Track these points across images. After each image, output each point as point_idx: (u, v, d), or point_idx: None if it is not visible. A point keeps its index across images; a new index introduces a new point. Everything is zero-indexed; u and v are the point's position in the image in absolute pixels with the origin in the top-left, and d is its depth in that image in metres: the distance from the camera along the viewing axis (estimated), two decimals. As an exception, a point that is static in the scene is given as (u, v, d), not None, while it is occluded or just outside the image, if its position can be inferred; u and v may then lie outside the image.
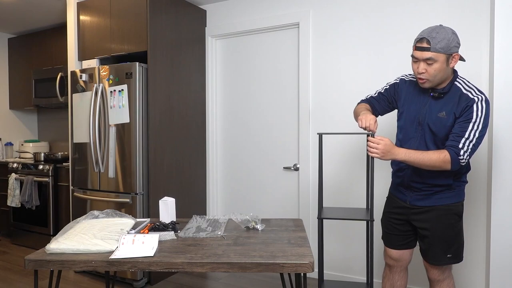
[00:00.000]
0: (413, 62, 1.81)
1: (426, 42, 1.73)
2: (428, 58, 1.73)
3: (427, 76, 1.77)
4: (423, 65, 1.75)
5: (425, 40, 1.73)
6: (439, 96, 1.83)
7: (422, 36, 1.75)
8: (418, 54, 1.75)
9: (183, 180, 3.33)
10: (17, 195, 3.89)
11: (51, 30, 4.23)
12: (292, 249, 1.58)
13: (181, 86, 3.31)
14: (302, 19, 3.11)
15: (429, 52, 1.72)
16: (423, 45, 1.73)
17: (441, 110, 1.82)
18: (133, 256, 1.51)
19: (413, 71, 1.84)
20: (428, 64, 1.74)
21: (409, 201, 1.96)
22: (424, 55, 1.73)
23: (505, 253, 2.39)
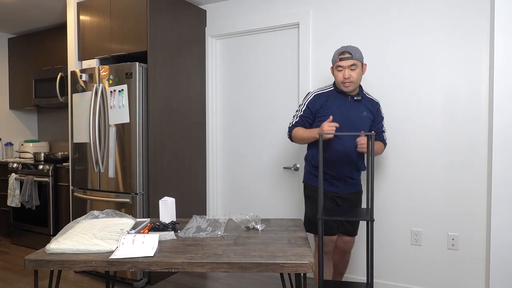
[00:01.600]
0: (338, 72, 2.24)
1: (347, 53, 2.21)
2: (352, 64, 2.20)
3: (352, 80, 2.22)
4: (348, 71, 2.21)
5: (347, 52, 2.22)
6: (359, 100, 2.29)
7: (343, 50, 2.23)
8: (344, 63, 2.21)
9: (183, 180, 3.33)
10: (17, 195, 3.89)
11: (51, 30, 4.23)
12: (292, 249, 1.58)
13: (181, 86, 3.31)
14: (302, 19, 3.11)
15: (352, 60, 2.20)
16: (346, 55, 2.21)
17: (363, 111, 2.30)
18: (133, 256, 1.51)
19: (338, 80, 2.26)
20: (352, 70, 2.21)
21: (342, 191, 2.33)
22: (349, 63, 2.20)
23: (505, 252, 2.39)
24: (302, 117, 2.35)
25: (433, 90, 2.69)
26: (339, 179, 2.30)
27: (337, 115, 2.23)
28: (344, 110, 2.26)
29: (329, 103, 2.29)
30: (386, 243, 2.86)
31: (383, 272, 2.88)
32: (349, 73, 2.20)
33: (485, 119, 2.54)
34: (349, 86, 2.23)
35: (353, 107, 2.28)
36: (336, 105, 2.28)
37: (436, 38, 2.66)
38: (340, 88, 2.27)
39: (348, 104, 2.28)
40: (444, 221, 2.67)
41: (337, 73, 2.24)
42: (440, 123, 2.67)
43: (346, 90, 2.25)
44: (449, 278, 2.67)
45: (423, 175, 2.73)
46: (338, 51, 2.24)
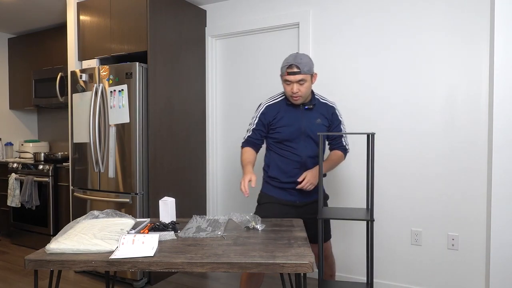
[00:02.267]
0: (286, 85, 2.13)
1: (296, 67, 2.07)
2: (300, 79, 2.08)
3: (300, 94, 2.11)
4: (297, 86, 2.09)
5: (295, 66, 2.07)
6: (310, 108, 2.21)
7: (291, 63, 2.07)
8: (292, 78, 2.08)
9: (183, 180, 3.33)
10: (17, 195, 3.89)
11: (51, 30, 4.23)
12: (292, 249, 1.58)
13: (181, 86, 3.31)
14: (302, 19, 3.11)
15: (300, 75, 2.07)
16: (294, 70, 2.07)
17: (316, 118, 2.21)
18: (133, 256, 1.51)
19: (287, 93, 2.16)
20: (300, 84, 2.09)
21: (299, 200, 2.24)
22: (297, 78, 2.07)
23: (505, 253, 2.39)
24: (255, 131, 2.27)
25: (433, 90, 2.69)
26: (295, 188, 2.19)
27: (289, 127, 2.18)
28: (296, 121, 2.19)
29: (281, 114, 2.21)
30: (386, 243, 2.86)
31: (383, 272, 2.88)
32: (298, 88, 2.09)
33: (485, 119, 2.54)
34: (297, 100, 2.15)
35: (305, 116, 2.20)
36: (287, 116, 2.20)
37: (436, 38, 2.66)
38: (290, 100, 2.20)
39: (300, 114, 2.20)
40: (444, 221, 2.67)
41: (285, 86, 2.15)
42: (440, 123, 2.67)
43: (295, 103, 2.18)
44: (449, 278, 2.67)
45: (423, 175, 2.73)
46: (286, 63, 2.11)
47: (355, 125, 2.94)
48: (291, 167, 2.21)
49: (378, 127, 2.86)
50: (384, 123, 2.85)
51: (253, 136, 2.28)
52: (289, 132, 2.18)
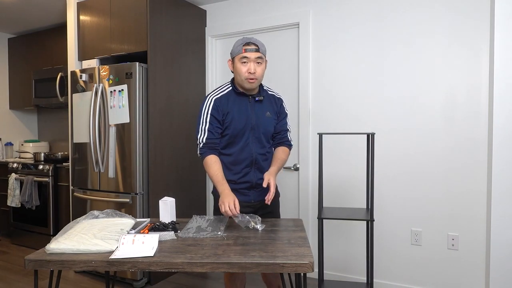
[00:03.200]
0: (242, 64, 1.94)
1: (253, 45, 1.94)
2: (259, 57, 1.94)
3: (257, 76, 1.95)
4: (254, 65, 1.93)
5: (252, 43, 1.94)
6: (260, 100, 2.05)
7: (248, 41, 1.94)
8: (250, 54, 1.93)
9: (183, 180, 3.33)
10: (17, 195, 3.89)
11: (51, 30, 4.23)
12: (292, 249, 1.58)
13: (181, 86, 3.31)
14: (302, 19, 3.11)
15: (259, 53, 1.94)
16: (252, 46, 1.93)
17: (266, 111, 2.06)
18: (133, 256, 1.51)
19: (241, 75, 1.95)
20: (258, 64, 1.95)
21: (253, 199, 2.08)
22: (255, 55, 1.93)
23: (505, 252, 2.39)
24: (210, 130, 1.99)
25: (433, 90, 2.69)
26: (249, 188, 2.07)
27: (239, 121, 2.00)
28: (246, 114, 2.01)
29: (230, 106, 2.01)
30: (386, 243, 2.86)
31: (383, 272, 2.88)
32: (255, 68, 1.93)
33: (485, 119, 2.54)
34: (253, 83, 1.96)
35: (255, 108, 2.04)
36: (236, 109, 2.01)
37: (436, 38, 2.66)
38: (243, 85, 1.99)
39: (250, 106, 2.03)
40: (444, 221, 2.67)
41: (240, 67, 1.94)
42: (440, 123, 2.67)
43: (249, 87, 1.98)
44: (449, 278, 2.67)
45: (423, 175, 2.73)
46: (241, 41, 1.95)
47: (355, 125, 2.94)
48: (242, 167, 2.05)
49: (378, 127, 2.86)
50: (384, 123, 2.85)
51: (210, 137, 2.00)
52: (239, 126, 2.00)
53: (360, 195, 2.91)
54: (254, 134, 2.03)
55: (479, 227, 2.57)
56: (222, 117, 2.00)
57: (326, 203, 3.00)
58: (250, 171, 2.06)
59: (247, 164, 2.05)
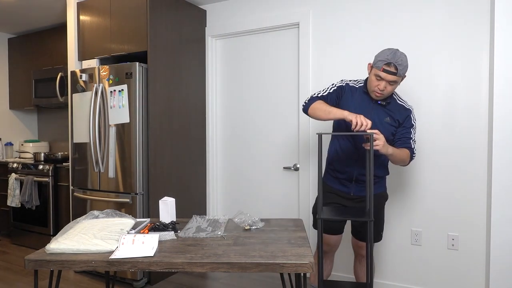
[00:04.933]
0: (375, 79, 2.03)
1: (394, 68, 1.97)
2: (393, 81, 2.00)
3: (385, 93, 2.05)
4: (385, 84, 2.01)
5: (393, 65, 1.96)
6: (383, 105, 2.13)
7: (390, 61, 1.97)
8: (385, 76, 1.99)
9: (183, 180, 3.33)
10: (17, 195, 3.89)
11: (51, 30, 4.23)
12: (292, 249, 1.58)
13: (181, 86, 3.31)
14: (302, 19, 3.11)
15: (395, 77, 1.99)
16: (391, 69, 1.97)
17: (386, 116, 2.13)
18: (133, 256, 1.51)
19: (371, 86, 2.07)
20: (390, 85, 2.02)
21: (353, 193, 2.21)
22: (390, 78, 1.99)
23: (505, 252, 2.39)
24: (328, 96, 2.18)
25: (433, 89, 2.69)
26: (349, 179, 2.21)
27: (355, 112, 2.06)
28: (363, 111, 2.09)
29: (355, 102, 2.14)
30: (386, 243, 2.86)
31: (383, 272, 2.88)
32: (385, 86, 2.02)
33: (485, 118, 2.53)
34: (379, 97, 2.09)
35: (375, 110, 2.13)
36: (357, 103, 2.13)
37: (436, 37, 2.66)
38: (370, 93, 2.13)
39: (371, 106, 2.14)
40: (444, 221, 2.67)
41: (373, 79, 2.06)
42: (440, 123, 2.67)
43: (374, 98, 2.12)
44: (449, 278, 2.67)
45: (423, 175, 2.73)
46: (384, 59, 1.99)
47: (355, 125, 2.93)
48: (348, 158, 2.19)
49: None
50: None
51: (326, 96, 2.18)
52: None
53: (360, 195, 2.90)
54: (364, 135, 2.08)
55: (479, 227, 2.57)
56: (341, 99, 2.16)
57: (326, 203, 2.99)
58: (355, 165, 2.16)
59: (355, 158, 2.16)
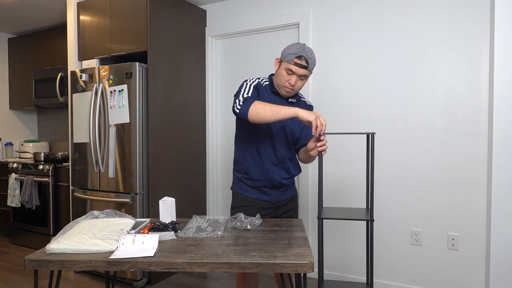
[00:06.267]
0: (286, 74, 1.92)
1: (305, 61, 1.89)
2: (303, 75, 1.92)
3: (295, 88, 1.96)
4: (296, 78, 1.92)
5: (304, 58, 1.89)
6: (293, 102, 2.04)
7: (301, 54, 1.88)
8: (297, 70, 1.90)
9: (183, 180, 3.33)
10: (17, 195, 3.89)
11: (51, 30, 4.23)
12: (292, 249, 1.58)
13: (181, 86, 3.31)
14: (302, 19, 3.11)
15: (306, 71, 1.91)
16: (302, 62, 1.89)
17: None
18: (133, 256, 1.51)
19: (281, 81, 1.95)
20: (300, 79, 1.93)
21: (275, 199, 2.10)
22: (301, 72, 1.90)
23: (505, 252, 2.39)
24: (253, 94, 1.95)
25: (433, 90, 2.69)
26: (272, 187, 2.07)
27: None
28: None
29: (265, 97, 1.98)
30: (386, 243, 2.86)
31: (383, 272, 2.88)
32: (296, 81, 1.92)
33: (485, 119, 2.54)
34: (289, 93, 1.98)
35: None
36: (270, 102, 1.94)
37: (436, 38, 2.66)
38: (279, 90, 2.00)
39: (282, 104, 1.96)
40: (444, 221, 2.67)
41: (283, 74, 1.93)
42: (440, 123, 2.67)
43: (284, 95, 2.00)
44: (449, 278, 2.67)
45: (423, 175, 2.73)
46: (294, 52, 1.89)
47: (355, 125, 2.94)
48: (268, 164, 2.03)
49: (378, 127, 2.86)
50: (384, 123, 2.85)
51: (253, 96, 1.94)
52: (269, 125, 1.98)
53: (360, 195, 2.91)
54: (282, 133, 2.02)
55: (479, 227, 2.57)
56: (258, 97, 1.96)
57: (326, 203, 3.00)
58: (276, 170, 2.05)
59: (273, 163, 2.04)
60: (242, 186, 2.13)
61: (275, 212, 2.13)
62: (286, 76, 1.93)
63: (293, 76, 1.92)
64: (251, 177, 2.07)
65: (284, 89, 1.97)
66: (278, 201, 2.12)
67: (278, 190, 2.10)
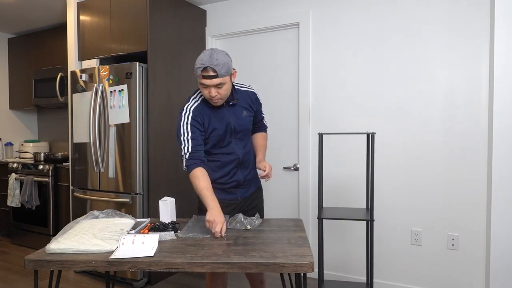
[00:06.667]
0: (203, 88, 1.89)
1: (212, 71, 1.83)
2: (218, 84, 1.85)
3: (220, 97, 1.91)
4: (214, 90, 1.87)
5: (210, 68, 1.82)
6: (234, 104, 2.03)
7: (205, 65, 1.82)
8: (208, 82, 1.85)
9: (183, 180, 3.33)
10: (17, 195, 3.89)
11: (51, 30, 4.23)
12: (292, 249, 1.58)
13: (181, 86, 3.31)
14: (302, 19, 3.11)
15: (217, 79, 1.84)
16: (209, 73, 1.83)
17: (242, 112, 2.05)
18: (133, 256, 1.51)
19: (205, 95, 1.92)
20: (219, 88, 1.87)
21: (240, 197, 2.11)
22: (214, 82, 1.84)
23: (505, 252, 2.39)
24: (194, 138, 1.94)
25: (432, 90, 2.69)
26: (236, 186, 2.10)
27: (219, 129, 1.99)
28: (224, 120, 2.00)
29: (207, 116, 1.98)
30: (386, 243, 2.86)
31: (383, 272, 2.88)
32: (216, 91, 1.88)
33: (485, 118, 2.54)
34: (217, 103, 1.94)
35: (231, 112, 2.02)
36: (213, 117, 1.99)
37: (436, 37, 2.66)
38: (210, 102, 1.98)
39: (226, 112, 2.01)
40: (444, 221, 2.67)
41: (202, 90, 1.91)
42: (440, 123, 2.67)
43: (216, 105, 1.97)
44: (449, 278, 2.67)
45: (423, 175, 2.73)
46: (200, 64, 1.84)
47: (355, 125, 2.94)
48: (229, 168, 2.06)
49: (378, 127, 2.86)
50: (385, 123, 2.85)
51: (195, 144, 1.93)
52: (220, 132, 2.00)
53: (360, 195, 2.91)
54: (236, 136, 2.04)
55: (479, 227, 2.57)
56: (203, 125, 1.98)
57: (326, 203, 3.00)
58: (237, 171, 2.09)
59: (234, 165, 2.07)
60: None
61: (241, 208, 2.12)
62: (204, 90, 1.90)
63: (210, 88, 1.87)
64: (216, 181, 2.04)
65: (212, 101, 1.94)
66: (244, 197, 2.14)
67: (242, 188, 2.12)
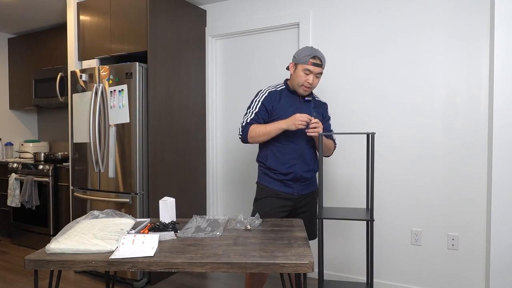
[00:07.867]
0: (304, 74, 2.14)
1: (319, 60, 2.14)
2: (320, 73, 2.16)
3: (313, 86, 2.19)
4: (313, 78, 2.15)
5: (318, 58, 2.13)
6: (309, 100, 2.26)
7: (315, 54, 2.13)
8: (314, 69, 2.13)
9: (183, 180, 3.33)
10: (17, 195, 3.89)
11: (51, 30, 4.23)
12: (292, 249, 1.58)
13: (181, 86, 3.31)
14: (302, 19, 3.11)
15: (321, 68, 2.16)
16: (317, 62, 2.13)
17: (313, 112, 2.22)
18: (133, 256, 1.51)
19: (300, 81, 2.16)
20: (317, 77, 2.17)
21: (297, 193, 2.23)
22: (318, 70, 2.14)
23: (505, 252, 2.39)
24: (257, 114, 2.20)
25: (432, 90, 2.69)
26: (294, 179, 2.20)
27: (288, 113, 2.16)
28: (296, 110, 2.19)
29: (282, 101, 2.21)
30: (386, 243, 2.86)
31: (383, 272, 2.88)
32: (313, 79, 2.14)
33: (485, 118, 2.54)
34: (307, 91, 2.19)
35: (304, 107, 2.22)
36: (287, 105, 2.21)
37: (436, 37, 2.66)
38: (297, 90, 2.20)
39: (299, 104, 2.22)
40: (444, 221, 2.67)
41: (301, 75, 2.14)
42: (440, 123, 2.67)
43: (303, 94, 2.21)
44: (449, 278, 2.67)
45: (423, 175, 2.73)
46: (309, 53, 2.12)
47: (355, 125, 2.94)
48: (289, 158, 2.19)
49: (378, 127, 2.86)
50: (384, 123, 2.85)
51: (255, 119, 2.19)
52: None
53: (360, 195, 2.91)
54: (302, 130, 2.14)
55: (479, 227, 2.57)
56: (271, 109, 2.20)
57: (326, 203, 3.00)
58: (297, 163, 2.19)
59: (295, 156, 2.19)
60: (267, 179, 2.25)
61: (295, 205, 2.24)
62: (304, 76, 2.14)
63: (311, 75, 2.13)
64: (275, 172, 2.21)
65: (302, 88, 2.17)
66: (300, 194, 2.24)
67: (301, 184, 2.22)
